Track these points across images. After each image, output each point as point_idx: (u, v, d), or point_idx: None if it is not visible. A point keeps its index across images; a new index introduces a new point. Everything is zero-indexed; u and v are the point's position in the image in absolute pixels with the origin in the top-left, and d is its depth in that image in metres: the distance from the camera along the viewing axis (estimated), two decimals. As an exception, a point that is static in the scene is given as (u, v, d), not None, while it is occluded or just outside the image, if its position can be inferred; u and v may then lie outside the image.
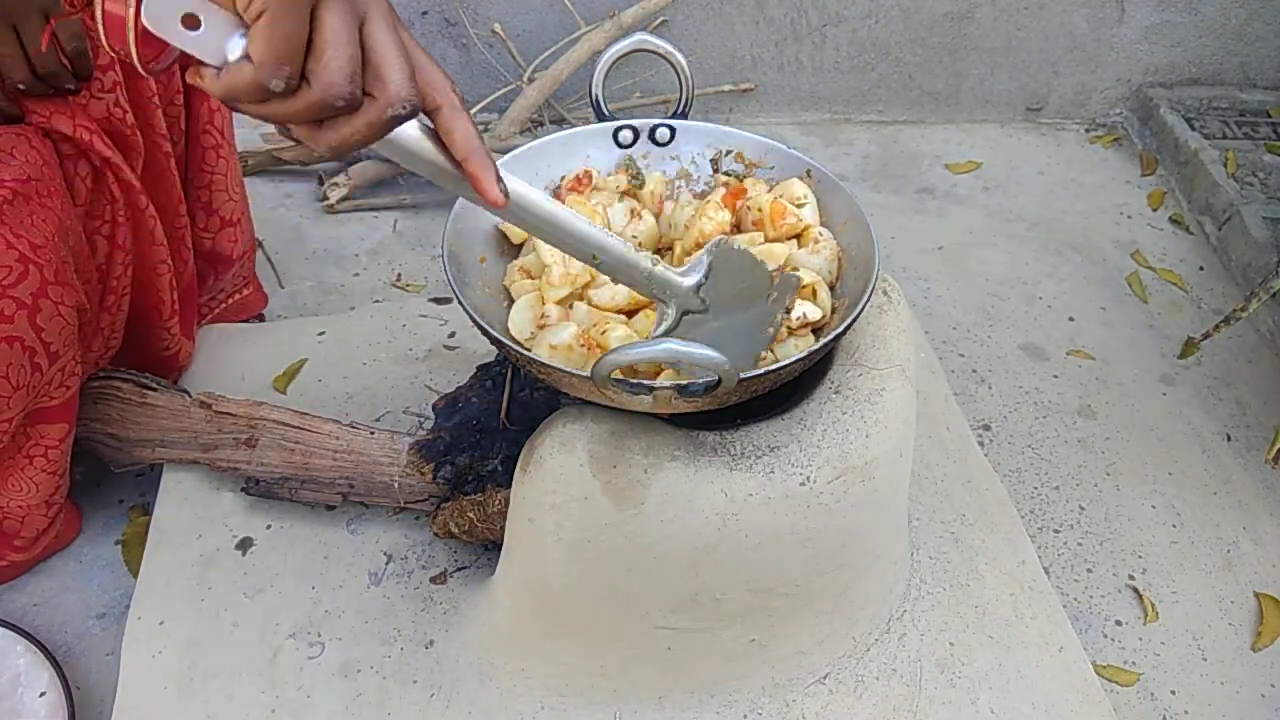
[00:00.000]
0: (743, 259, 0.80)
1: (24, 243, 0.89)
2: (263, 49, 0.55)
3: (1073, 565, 1.27)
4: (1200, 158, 1.87)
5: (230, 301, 1.41)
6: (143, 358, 1.22)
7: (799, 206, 0.92)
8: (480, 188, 0.64)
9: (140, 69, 0.60)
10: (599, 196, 0.96)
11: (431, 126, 0.63)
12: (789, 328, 0.84)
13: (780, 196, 0.93)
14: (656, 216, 0.97)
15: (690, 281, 0.78)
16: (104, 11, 0.57)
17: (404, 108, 0.58)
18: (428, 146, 0.63)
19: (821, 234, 0.92)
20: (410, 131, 0.62)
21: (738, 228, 0.95)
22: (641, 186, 0.98)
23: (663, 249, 0.97)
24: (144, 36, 0.58)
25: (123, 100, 1.01)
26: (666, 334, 0.78)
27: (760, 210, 0.92)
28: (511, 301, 0.91)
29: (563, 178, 0.98)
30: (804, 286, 0.86)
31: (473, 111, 1.85)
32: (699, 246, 0.89)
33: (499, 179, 0.65)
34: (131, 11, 0.57)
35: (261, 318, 1.51)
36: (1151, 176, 1.98)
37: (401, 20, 0.61)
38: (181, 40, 0.56)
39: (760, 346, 0.82)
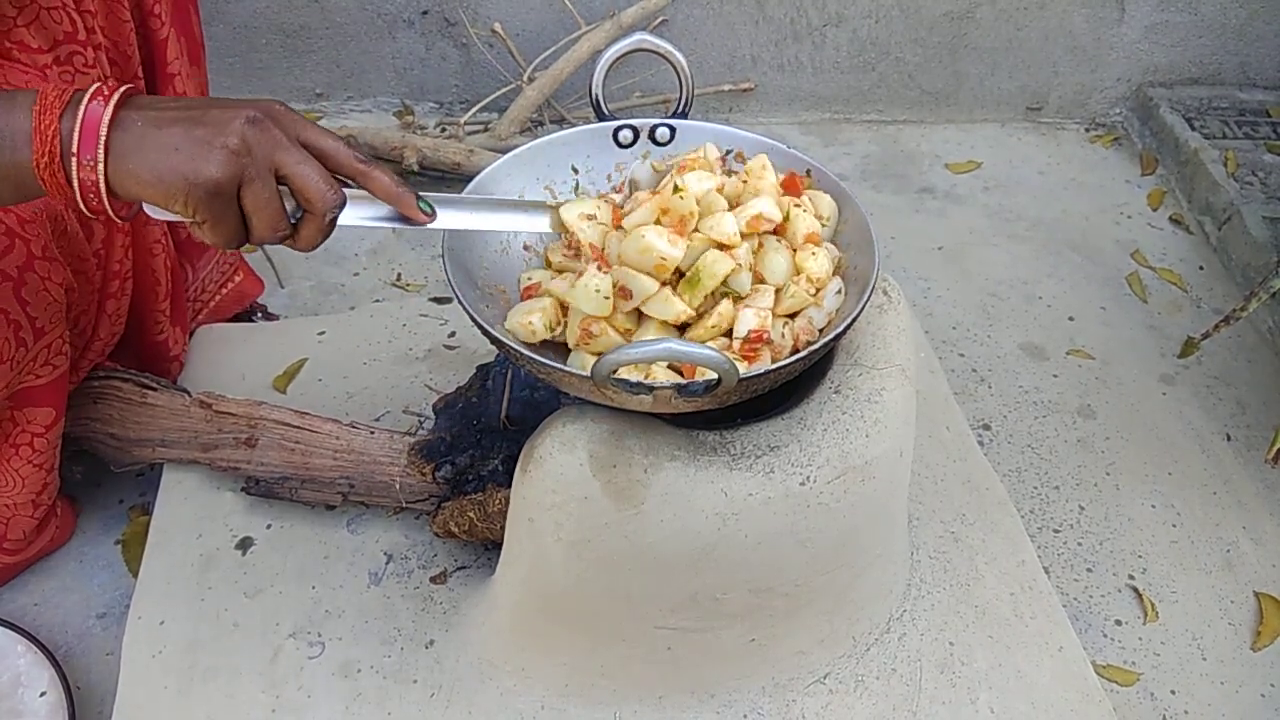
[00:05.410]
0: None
1: (11, 217, 0.89)
2: (211, 240, 0.72)
3: (1073, 565, 1.27)
4: (1200, 157, 1.87)
5: (224, 292, 1.40)
6: (137, 344, 1.22)
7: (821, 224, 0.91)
8: (409, 215, 0.81)
9: (115, 216, 0.72)
10: None
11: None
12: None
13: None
14: None
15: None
16: (79, 180, 0.69)
17: (334, 211, 0.75)
18: (364, 205, 0.79)
19: (828, 249, 0.90)
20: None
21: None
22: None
23: None
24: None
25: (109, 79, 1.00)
26: None
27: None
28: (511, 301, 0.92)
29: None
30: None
31: (473, 111, 1.86)
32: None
33: (420, 202, 0.81)
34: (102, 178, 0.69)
35: (264, 307, 1.50)
36: (1151, 176, 1.98)
37: (299, 118, 0.75)
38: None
39: None
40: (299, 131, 0.74)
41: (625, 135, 0.99)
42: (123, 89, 0.70)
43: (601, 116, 0.98)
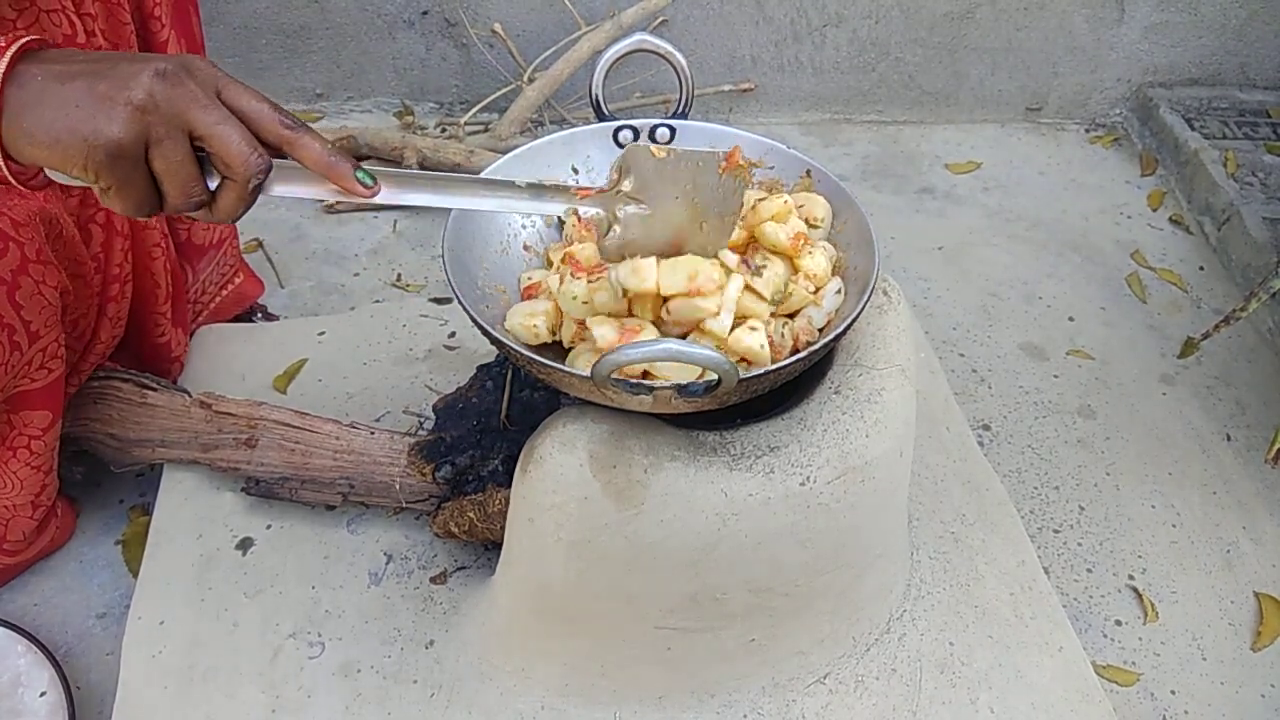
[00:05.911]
0: (664, 158, 0.80)
1: (5, 220, 0.89)
2: (120, 208, 0.66)
3: (1073, 565, 1.27)
4: (1200, 158, 1.87)
5: (224, 293, 1.40)
6: (137, 346, 1.22)
7: (813, 227, 0.91)
8: (346, 188, 0.70)
9: (15, 183, 0.67)
10: None
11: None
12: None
13: (801, 206, 0.91)
14: None
15: (606, 186, 0.81)
16: None
17: (258, 177, 0.66)
18: (295, 175, 0.70)
19: (825, 248, 0.90)
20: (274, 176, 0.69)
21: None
22: None
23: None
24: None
25: None
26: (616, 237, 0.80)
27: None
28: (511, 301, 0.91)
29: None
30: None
31: (473, 111, 1.86)
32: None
33: (357, 171, 0.70)
34: None
35: (265, 308, 1.50)
36: (1151, 177, 1.98)
37: (222, 73, 0.67)
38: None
39: (730, 220, 0.81)
40: (220, 88, 0.66)
41: (625, 136, 0.99)
42: (24, 40, 0.64)
43: (601, 117, 0.98)
